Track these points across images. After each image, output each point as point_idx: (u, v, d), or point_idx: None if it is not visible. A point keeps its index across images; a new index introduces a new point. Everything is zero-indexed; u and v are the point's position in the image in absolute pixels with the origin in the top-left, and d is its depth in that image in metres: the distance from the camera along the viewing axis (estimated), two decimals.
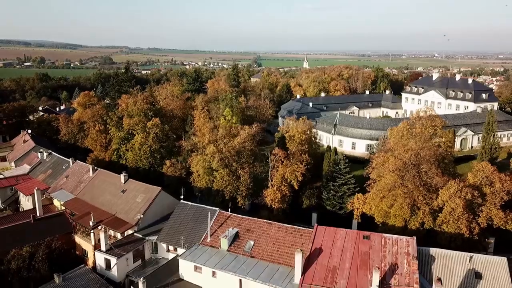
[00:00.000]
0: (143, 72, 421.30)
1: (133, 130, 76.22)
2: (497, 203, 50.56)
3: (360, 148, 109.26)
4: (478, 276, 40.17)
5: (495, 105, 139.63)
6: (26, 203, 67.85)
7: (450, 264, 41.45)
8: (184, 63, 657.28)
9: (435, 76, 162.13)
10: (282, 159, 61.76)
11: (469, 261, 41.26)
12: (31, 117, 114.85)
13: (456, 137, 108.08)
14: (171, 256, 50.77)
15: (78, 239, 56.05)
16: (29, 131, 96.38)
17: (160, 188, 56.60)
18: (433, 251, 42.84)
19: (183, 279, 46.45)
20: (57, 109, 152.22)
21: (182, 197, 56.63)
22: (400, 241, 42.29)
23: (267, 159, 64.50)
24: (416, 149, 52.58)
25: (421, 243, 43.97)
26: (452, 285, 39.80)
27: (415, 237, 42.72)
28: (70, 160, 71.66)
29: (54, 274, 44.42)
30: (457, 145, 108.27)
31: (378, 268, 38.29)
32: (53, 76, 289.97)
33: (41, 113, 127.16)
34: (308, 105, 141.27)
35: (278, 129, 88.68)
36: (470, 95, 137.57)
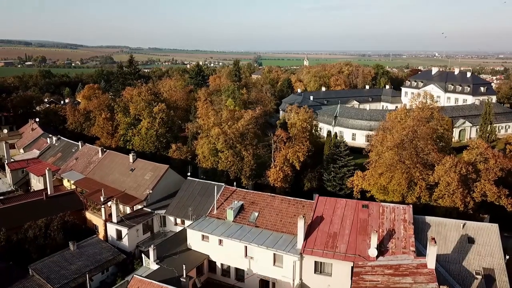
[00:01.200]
0: (145, 70, 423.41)
1: (140, 115, 78.54)
2: (491, 179, 52.81)
3: (360, 139, 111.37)
4: (470, 241, 42.47)
5: (494, 98, 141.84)
6: (37, 184, 70.17)
7: (444, 231, 43.74)
8: (185, 63, 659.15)
9: (434, 70, 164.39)
10: (285, 140, 64.08)
11: (462, 227, 43.56)
12: (38, 108, 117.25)
13: (455, 129, 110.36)
14: (179, 229, 53.07)
15: (89, 215, 58.35)
16: (37, 119, 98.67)
17: (167, 166, 59.06)
18: (428, 219, 45.17)
19: (190, 249, 48.68)
20: (62, 102, 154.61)
21: (189, 174, 58.94)
22: (397, 209, 44.64)
23: (269, 142, 66.77)
24: (413, 126, 54.85)
25: None
26: (446, 250, 42.11)
27: (411, 205, 45.09)
28: (79, 143, 74.03)
29: (69, 242, 46.93)
30: (456, 136, 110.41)
31: (376, 232, 40.61)
32: (55, 73, 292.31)
33: (47, 105, 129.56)
34: (309, 98, 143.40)
35: (280, 117, 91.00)
36: (469, 89, 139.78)
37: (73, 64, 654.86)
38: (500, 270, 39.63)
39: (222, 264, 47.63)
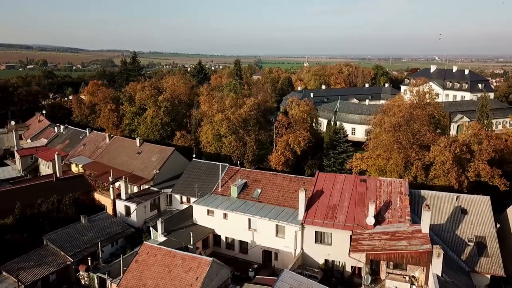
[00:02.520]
0: (147, 72, 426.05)
1: (145, 104, 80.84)
2: (484, 159, 54.99)
3: (359, 133, 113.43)
4: (463, 212, 44.65)
5: (492, 95, 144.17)
6: (45, 169, 72.34)
7: (438, 203, 45.92)
8: (186, 66, 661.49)
9: (433, 68, 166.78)
10: (286, 125, 66.33)
11: (456, 200, 45.74)
12: (43, 103, 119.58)
13: (452, 124, 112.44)
14: (184, 207, 55.17)
15: (97, 196, 60.47)
16: (44, 111, 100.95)
17: (173, 148, 61.22)
18: (424, 192, 47.39)
19: (196, 224, 50.81)
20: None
21: (194, 155, 61.14)
22: (393, 183, 46.86)
23: (271, 127, 69.02)
24: (409, 108, 57.13)
25: None
26: (441, 220, 44.28)
27: (407, 179, 47.28)
28: (86, 130, 76.29)
29: (81, 215, 49.09)
30: (453, 131, 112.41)
31: (374, 201, 42.81)
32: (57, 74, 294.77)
33: (52, 100, 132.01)
34: (310, 96, 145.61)
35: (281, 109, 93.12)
36: (467, 85, 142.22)
37: (74, 68, 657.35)
38: (491, 238, 41.79)
39: (226, 238, 49.75)
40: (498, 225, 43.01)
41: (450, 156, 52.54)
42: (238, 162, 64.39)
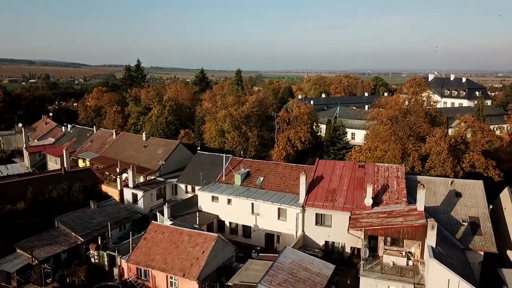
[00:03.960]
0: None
1: (150, 104, 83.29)
2: (478, 150, 57.06)
3: (359, 138, 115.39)
4: (458, 195, 46.58)
5: (489, 102, 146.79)
6: (53, 165, 74.34)
7: (434, 187, 47.86)
8: (187, 80, 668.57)
9: (431, 77, 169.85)
10: (287, 121, 68.60)
11: (450, 184, 47.73)
12: (49, 108, 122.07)
13: (450, 129, 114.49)
14: (189, 196, 57.10)
15: (104, 187, 62.37)
16: (50, 114, 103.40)
17: (179, 141, 63.36)
18: (419, 177, 49.36)
19: (201, 210, 52.69)
20: None
21: (198, 148, 63.26)
22: (391, 168, 48.94)
23: (273, 123, 71.29)
24: (405, 101, 59.48)
25: None
26: (436, 203, 46.16)
27: (403, 164, 49.31)
28: (93, 128, 78.57)
29: (90, 201, 51.04)
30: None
31: (372, 183, 44.82)
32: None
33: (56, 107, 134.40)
34: (310, 103, 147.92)
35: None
36: (464, 93, 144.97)
37: (76, 82, 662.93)
38: (484, 218, 43.68)
39: (230, 223, 51.56)
40: (491, 206, 44.92)
41: (445, 147, 54.59)
42: (241, 152, 66.40)
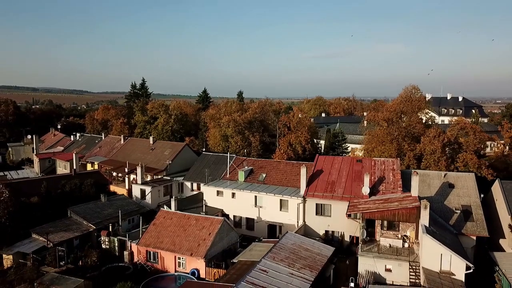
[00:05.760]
0: None
1: (156, 113, 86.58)
2: (471, 149, 59.79)
3: (359, 153, 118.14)
4: (451, 186, 49.02)
5: (485, 120, 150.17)
6: (63, 170, 76.84)
7: (428, 179, 50.34)
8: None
9: (428, 96, 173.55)
10: (288, 125, 71.61)
11: (444, 176, 50.24)
12: (57, 123, 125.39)
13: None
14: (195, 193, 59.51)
15: (113, 187, 64.81)
16: (59, 126, 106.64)
17: (185, 143, 66.17)
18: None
19: (207, 205, 54.99)
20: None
21: (204, 149, 66.02)
22: (387, 162, 51.58)
23: (274, 130, 74.32)
24: (399, 104, 62.62)
25: None
26: (430, 193, 48.54)
27: (398, 158, 51.97)
28: (102, 135, 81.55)
29: (101, 194, 53.50)
30: None
31: (369, 174, 47.40)
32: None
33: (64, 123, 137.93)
34: (311, 126, 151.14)
35: None
36: (461, 111, 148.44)
37: (79, 108, 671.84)
38: (476, 206, 45.99)
39: (234, 216, 53.80)
40: (482, 195, 47.31)
41: (439, 145, 57.38)
42: (245, 153, 69.05)
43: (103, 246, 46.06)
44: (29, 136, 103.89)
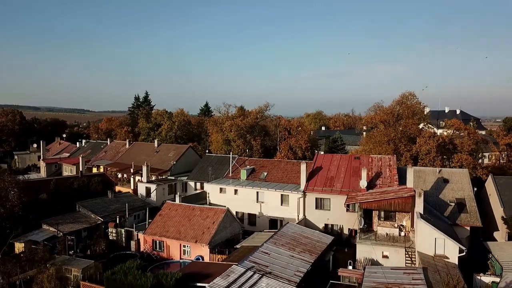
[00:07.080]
0: None
1: (160, 120, 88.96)
2: (465, 150, 61.85)
3: None
4: (445, 181, 50.94)
5: (483, 132, 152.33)
6: (69, 175, 78.71)
7: (423, 175, 52.31)
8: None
9: (426, 110, 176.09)
10: (289, 129, 73.83)
11: (439, 172, 52.18)
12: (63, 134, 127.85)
13: None
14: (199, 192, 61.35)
15: (118, 188, 66.57)
16: (64, 135, 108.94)
17: (188, 145, 68.26)
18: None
19: (210, 203, 56.73)
20: None
21: (207, 151, 68.06)
22: (383, 158, 53.59)
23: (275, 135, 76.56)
24: (396, 106, 64.95)
25: None
26: (425, 188, 50.29)
27: (395, 155, 53.99)
28: (107, 140, 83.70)
29: (108, 190, 55.37)
30: None
31: (366, 168, 49.36)
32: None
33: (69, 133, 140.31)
34: (310, 133, 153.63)
35: None
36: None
37: (80, 126, 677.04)
38: (469, 199, 47.82)
39: (237, 212, 55.36)
40: (475, 189, 49.17)
41: (434, 145, 59.45)
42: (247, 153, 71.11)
43: (110, 237, 47.71)
44: (34, 145, 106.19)
